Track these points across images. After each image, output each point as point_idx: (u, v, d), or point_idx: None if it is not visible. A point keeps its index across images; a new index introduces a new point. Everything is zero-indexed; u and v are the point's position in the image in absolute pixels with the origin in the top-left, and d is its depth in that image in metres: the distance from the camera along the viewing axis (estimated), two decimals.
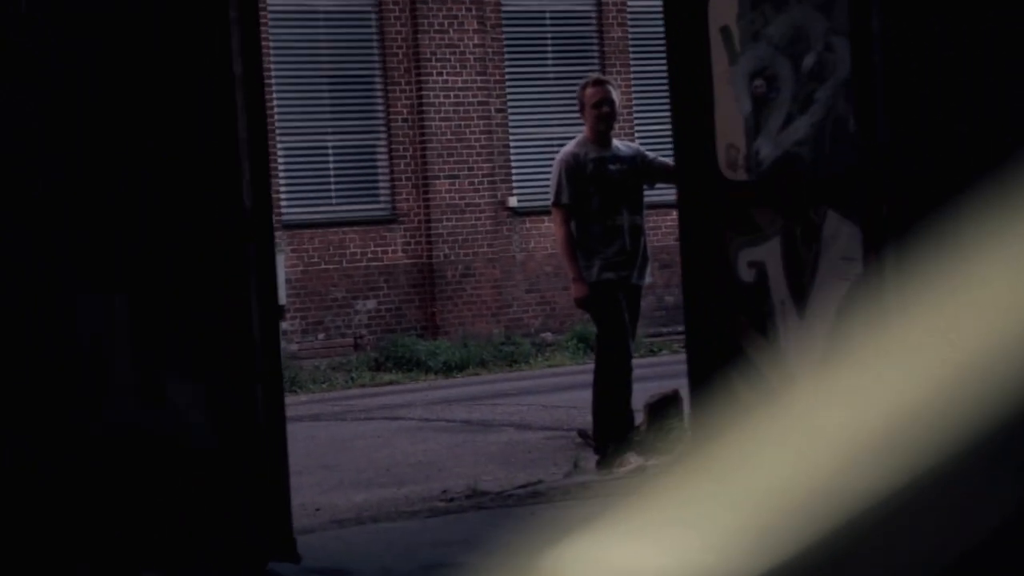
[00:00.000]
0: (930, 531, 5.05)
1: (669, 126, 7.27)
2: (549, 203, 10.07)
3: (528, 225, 20.10)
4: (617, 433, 9.57)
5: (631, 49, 20.87)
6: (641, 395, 9.90)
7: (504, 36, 20.14)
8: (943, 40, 6.25)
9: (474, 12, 19.78)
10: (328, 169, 18.96)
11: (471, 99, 19.77)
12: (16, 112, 6.80)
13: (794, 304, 6.65)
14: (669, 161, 8.72)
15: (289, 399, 8.45)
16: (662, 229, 19.26)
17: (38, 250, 6.82)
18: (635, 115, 20.51)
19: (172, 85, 6.93)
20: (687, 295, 7.12)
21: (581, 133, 10.10)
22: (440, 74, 19.57)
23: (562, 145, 10.51)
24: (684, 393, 7.89)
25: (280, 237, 17.45)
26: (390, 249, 19.30)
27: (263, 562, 6.96)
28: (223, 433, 6.94)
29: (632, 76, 20.75)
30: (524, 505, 8.52)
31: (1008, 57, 6.10)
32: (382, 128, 19.39)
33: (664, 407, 9.90)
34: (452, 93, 19.64)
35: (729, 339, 6.74)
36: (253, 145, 7.02)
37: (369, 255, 19.11)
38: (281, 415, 7.11)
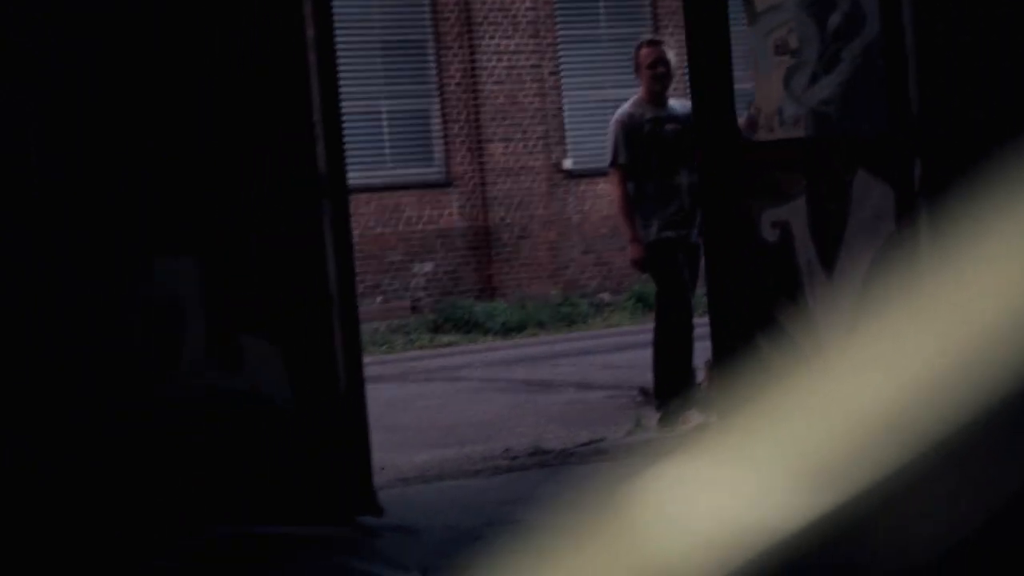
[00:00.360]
0: (957, 495, 5.08)
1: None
2: (605, 164, 10.11)
3: (583, 187, 20.13)
4: (679, 391, 9.62)
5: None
6: (702, 353, 9.93)
7: None
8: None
9: None
10: (382, 134, 19.03)
11: (524, 62, 19.79)
12: (89, 78, 6.89)
13: (821, 264, 6.64)
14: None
15: None
16: None
17: (111, 214, 6.92)
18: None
19: (245, 46, 6.99)
20: (709, 258, 7.11)
21: (636, 94, 10.13)
22: (492, 37, 19.59)
23: (616, 106, 10.54)
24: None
25: None
26: (446, 212, 19.37)
27: (351, 516, 7.06)
28: (302, 392, 7.01)
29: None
30: (587, 463, 8.58)
31: None
32: (435, 92, 19.44)
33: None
34: (505, 56, 19.66)
35: (754, 302, 6.73)
36: (326, 105, 7.08)
37: (425, 218, 19.20)
38: (359, 371, 7.18)
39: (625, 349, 14.15)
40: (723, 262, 6.98)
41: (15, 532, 6.78)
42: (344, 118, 7.26)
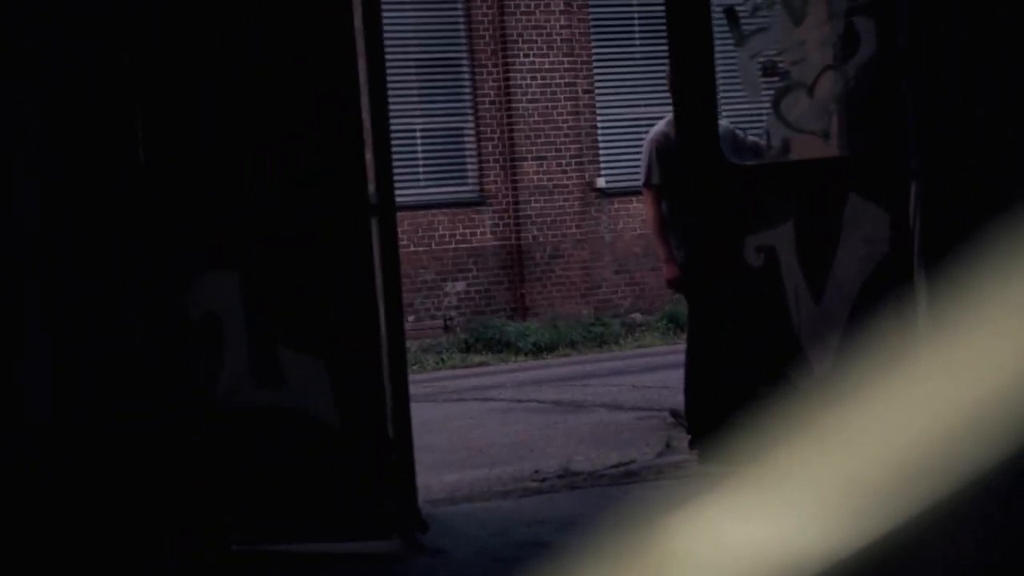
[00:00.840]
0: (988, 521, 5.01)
1: (753, 104, 7.22)
2: (639, 183, 10.05)
3: (616, 206, 20.07)
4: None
5: (716, 28, 20.75)
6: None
7: (591, 16, 20.10)
8: (968, 19, 6.15)
9: None
10: (416, 151, 19.02)
11: (558, 80, 19.76)
12: (135, 94, 6.88)
13: (808, 289, 6.53)
14: (760, 139, 8.68)
15: None
16: None
17: (153, 229, 6.89)
18: (721, 94, 20.38)
19: (295, 58, 6.94)
20: (693, 283, 6.99)
21: (671, 113, 10.07)
22: (527, 55, 19.58)
23: (650, 125, 10.49)
24: None
25: None
26: (479, 231, 19.34)
27: (392, 533, 7.01)
28: (347, 409, 6.95)
29: (718, 55, 20.62)
30: (617, 485, 8.52)
31: None
32: (469, 110, 19.43)
33: None
34: (539, 74, 19.64)
35: (738, 329, 6.63)
36: (376, 122, 7.03)
37: (458, 237, 19.17)
38: (405, 388, 7.14)
39: (656, 370, 14.09)
40: (707, 287, 6.89)
41: (57, 544, 6.79)
42: None
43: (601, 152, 20.14)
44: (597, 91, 20.15)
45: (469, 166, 19.47)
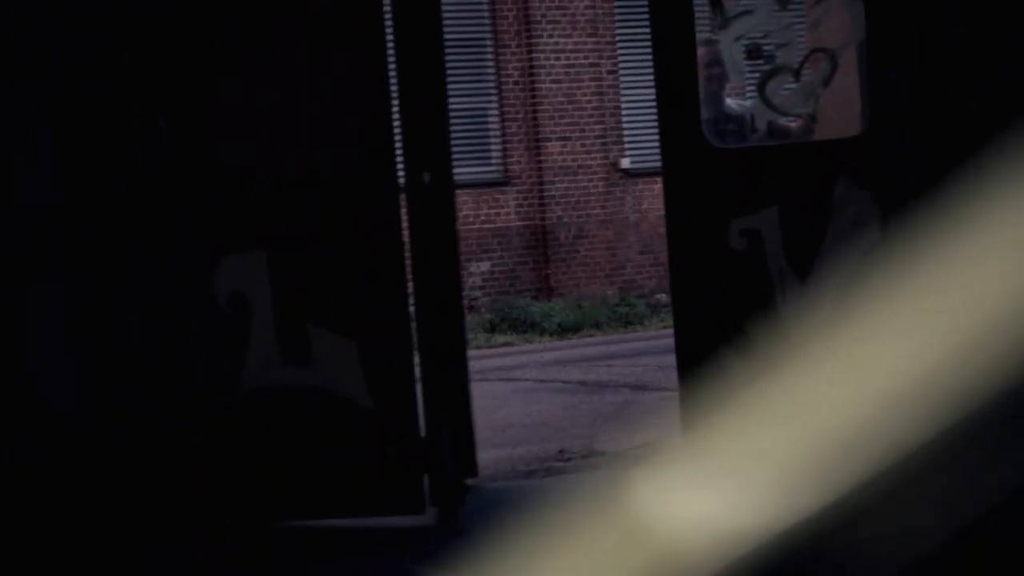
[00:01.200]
0: (941, 497, 5.03)
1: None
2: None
3: (641, 186, 20.06)
4: None
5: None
6: None
7: None
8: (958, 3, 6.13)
9: None
10: None
11: (582, 61, 19.74)
12: (162, 78, 6.91)
13: (794, 273, 6.50)
14: (788, 121, 8.67)
15: None
16: None
17: (180, 211, 6.92)
18: (746, 75, 20.35)
19: (322, 35, 6.94)
20: (673, 268, 6.97)
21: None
22: (551, 36, 19.56)
23: None
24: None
25: None
26: (503, 211, 19.35)
27: (423, 510, 7.08)
28: (377, 389, 6.97)
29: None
30: (640, 465, 8.52)
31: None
32: (494, 91, 19.43)
33: None
34: (563, 55, 19.62)
35: (721, 312, 6.61)
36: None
37: (482, 217, 19.18)
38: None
39: None
40: (689, 273, 6.86)
41: (90, 525, 6.83)
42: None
43: (625, 132, 20.12)
44: (621, 71, 20.12)
45: (493, 146, 19.48)
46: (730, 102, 10.04)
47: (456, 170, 21.18)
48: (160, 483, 6.94)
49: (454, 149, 7.76)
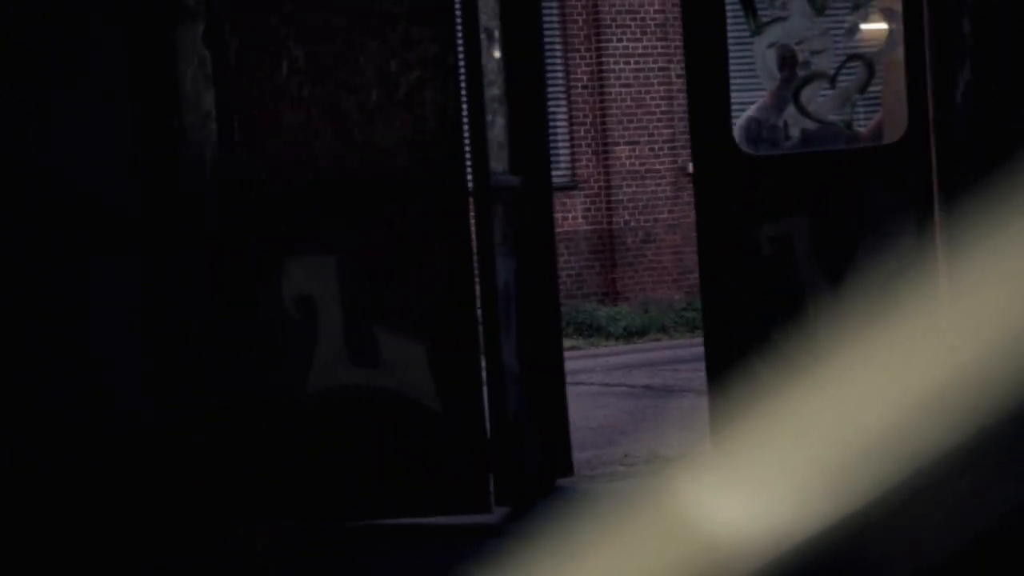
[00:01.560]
0: (966, 501, 4.99)
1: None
2: None
3: None
4: None
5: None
6: None
7: None
8: (996, 10, 6.08)
9: None
10: None
11: (651, 64, 19.72)
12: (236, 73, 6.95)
13: (826, 282, 6.45)
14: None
15: None
16: None
17: (244, 214, 6.96)
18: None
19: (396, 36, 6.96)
20: (704, 277, 6.94)
21: (762, 98, 10.03)
22: (620, 40, 19.55)
23: (742, 110, 10.44)
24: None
25: None
26: (570, 215, 19.35)
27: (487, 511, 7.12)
28: (444, 391, 6.99)
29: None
30: (675, 469, 8.50)
31: None
32: (562, 94, 19.43)
33: None
34: (632, 59, 19.61)
35: (751, 321, 6.57)
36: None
37: None
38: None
39: None
40: (719, 281, 6.83)
41: (151, 521, 6.88)
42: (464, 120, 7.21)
43: None
44: None
45: (561, 150, 19.48)
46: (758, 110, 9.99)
47: None
48: (226, 483, 6.98)
49: None
